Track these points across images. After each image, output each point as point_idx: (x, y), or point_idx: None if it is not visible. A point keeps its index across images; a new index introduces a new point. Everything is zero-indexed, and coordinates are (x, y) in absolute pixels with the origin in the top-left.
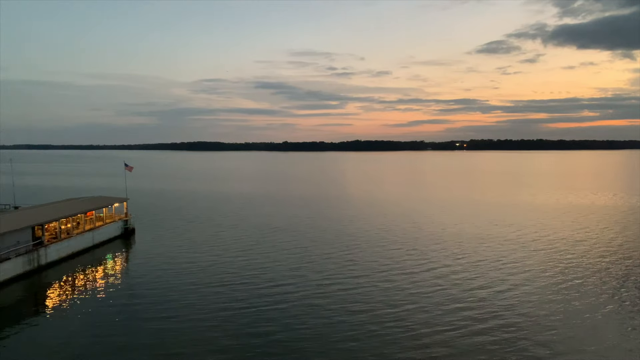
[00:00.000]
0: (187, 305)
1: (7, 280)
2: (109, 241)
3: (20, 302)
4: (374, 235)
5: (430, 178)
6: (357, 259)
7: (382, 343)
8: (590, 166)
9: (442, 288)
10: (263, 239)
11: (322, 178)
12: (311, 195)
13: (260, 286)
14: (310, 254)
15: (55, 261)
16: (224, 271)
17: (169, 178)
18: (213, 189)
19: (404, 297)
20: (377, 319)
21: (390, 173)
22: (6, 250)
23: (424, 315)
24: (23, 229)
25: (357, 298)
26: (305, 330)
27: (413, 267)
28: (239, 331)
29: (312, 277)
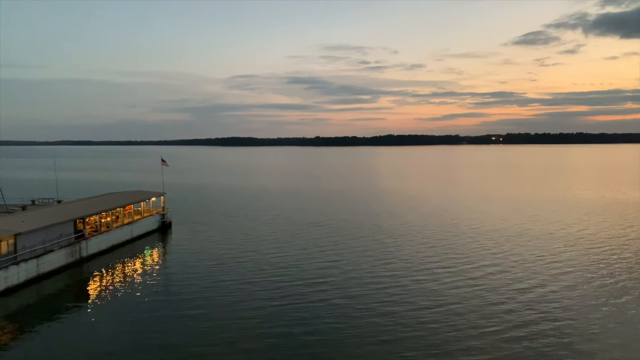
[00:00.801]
0: (221, 300)
1: (51, 272)
2: (147, 234)
3: (62, 293)
4: (410, 231)
5: (466, 173)
6: (392, 256)
7: (419, 345)
8: (634, 160)
9: (482, 287)
10: (297, 234)
11: (355, 173)
12: (344, 190)
13: (294, 283)
14: (345, 250)
15: (96, 253)
16: (258, 267)
17: (203, 173)
18: (247, 184)
19: (441, 297)
20: (413, 319)
21: (424, 168)
22: (50, 242)
23: (463, 316)
24: (65, 222)
25: (393, 297)
26: (338, 329)
27: (450, 265)
28: (271, 329)
29: (346, 274)
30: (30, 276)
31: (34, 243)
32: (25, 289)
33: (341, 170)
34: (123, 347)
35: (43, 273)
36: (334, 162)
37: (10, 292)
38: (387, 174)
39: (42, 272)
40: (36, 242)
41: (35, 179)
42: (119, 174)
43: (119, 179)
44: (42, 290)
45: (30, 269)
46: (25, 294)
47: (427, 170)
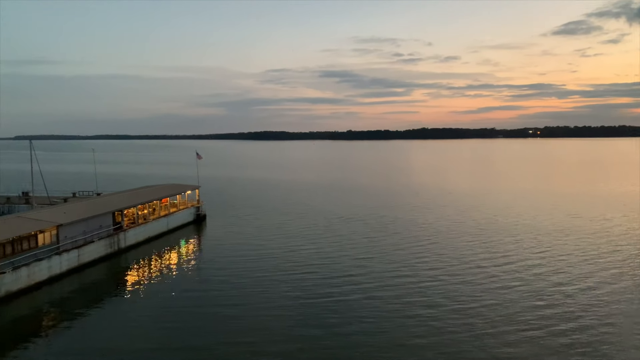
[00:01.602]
0: (252, 295)
1: (91, 262)
2: (182, 227)
3: (101, 283)
4: (445, 226)
5: (502, 167)
6: (427, 251)
7: (453, 341)
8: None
9: (520, 284)
10: (330, 229)
11: (388, 167)
12: (377, 184)
13: (326, 277)
14: (378, 244)
15: (133, 245)
16: (291, 260)
17: (237, 167)
18: (279, 177)
19: (478, 293)
20: (448, 315)
21: (459, 162)
22: (90, 233)
23: (501, 313)
24: (105, 214)
25: (427, 292)
26: (370, 324)
27: (487, 260)
28: (303, 323)
29: (380, 269)
30: (71, 266)
31: (75, 234)
32: (67, 278)
33: (374, 164)
34: (155, 339)
35: (84, 263)
36: (367, 156)
37: (54, 281)
38: (421, 168)
39: (82, 262)
40: (77, 233)
41: (75, 172)
42: (156, 167)
43: (156, 172)
44: (83, 279)
45: (72, 259)
46: (67, 283)
47: (463, 165)
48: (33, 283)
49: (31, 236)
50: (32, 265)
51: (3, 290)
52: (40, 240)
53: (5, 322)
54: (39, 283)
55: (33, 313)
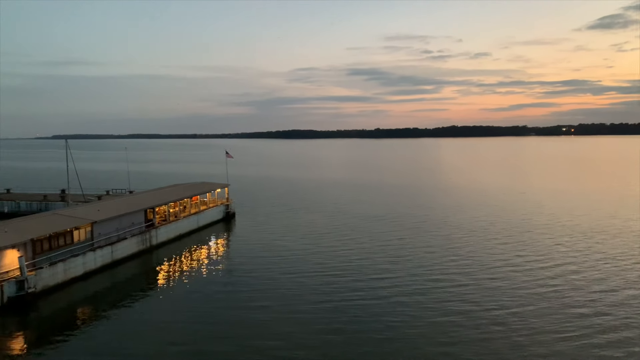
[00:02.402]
0: (281, 294)
1: (123, 258)
2: (212, 224)
3: (134, 279)
4: (477, 227)
5: (535, 165)
6: (459, 252)
7: (486, 348)
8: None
9: (557, 288)
10: (359, 228)
11: (418, 165)
12: (407, 183)
13: (355, 278)
14: (408, 245)
15: (164, 242)
16: (319, 260)
17: (265, 165)
18: (307, 176)
19: (511, 298)
20: (479, 321)
21: (490, 160)
22: (123, 230)
23: (536, 319)
24: (137, 211)
25: (458, 296)
26: (398, 328)
27: (522, 263)
28: (329, 326)
29: (409, 271)
30: (105, 262)
31: (109, 231)
32: (101, 274)
33: (403, 163)
34: (181, 337)
35: (117, 259)
36: (395, 155)
37: (88, 277)
38: (451, 166)
39: (116, 258)
40: (110, 230)
41: (109, 171)
42: (186, 165)
43: (186, 170)
44: (116, 275)
45: (106, 256)
46: (101, 278)
47: (494, 163)
48: (69, 278)
49: (67, 232)
50: (68, 261)
51: (41, 285)
52: (75, 236)
53: (43, 316)
54: (74, 278)
55: (69, 307)
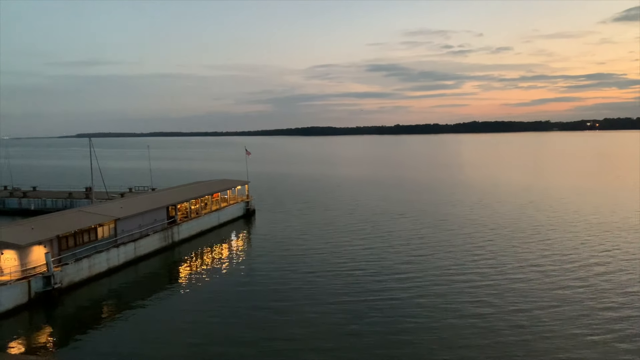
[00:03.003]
0: (300, 290)
1: (146, 255)
2: (232, 221)
3: (156, 275)
4: (500, 225)
5: (559, 161)
6: (481, 249)
7: (506, 344)
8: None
9: (581, 285)
10: (379, 225)
11: (439, 162)
12: (428, 179)
13: (374, 275)
14: (429, 244)
15: (186, 238)
16: (338, 257)
17: (285, 162)
18: (327, 172)
19: (535, 294)
20: (502, 317)
21: (513, 156)
22: (145, 227)
23: (560, 316)
24: (159, 208)
25: (480, 293)
26: (418, 324)
27: (545, 259)
28: (349, 322)
29: (431, 270)
30: (128, 258)
31: (132, 228)
32: (124, 270)
33: (424, 159)
34: (202, 333)
35: (140, 256)
36: (416, 151)
37: (112, 273)
38: (473, 162)
39: (138, 254)
40: (133, 227)
41: (131, 168)
42: (207, 163)
43: (207, 167)
44: (139, 272)
45: (129, 252)
46: (125, 274)
47: (516, 159)
48: (93, 274)
49: (91, 229)
50: (93, 257)
51: (66, 281)
52: (99, 233)
53: (68, 311)
54: (98, 274)
55: (93, 303)
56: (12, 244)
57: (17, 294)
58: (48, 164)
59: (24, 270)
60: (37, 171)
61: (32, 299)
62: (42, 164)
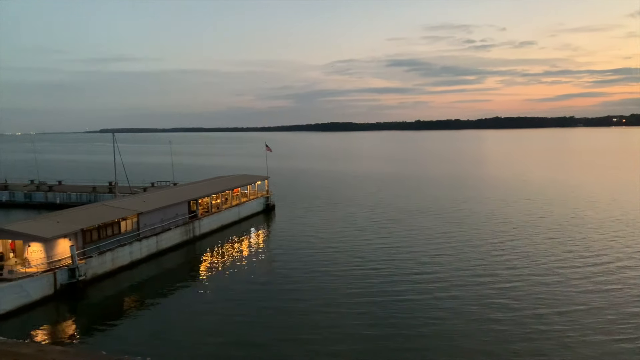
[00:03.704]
0: (319, 288)
1: (168, 248)
2: (252, 216)
3: (178, 269)
4: (523, 221)
5: (585, 157)
6: (506, 248)
7: (531, 349)
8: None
9: (609, 288)
10: (401, 222)
11: (461, 158)
12: (451, 176)
13: (395, 274)
14: (452, 240)
15: (207, 233)
16: (359, 255)
17: (304, 158)
18: (347, 168)
19: (563, 296)
20: (524, 320)
21: (537, 152)
22: (167, 221)
23: (585, 321)
24: (181, 203)
25: (504, 294)
26: (439, 326)
27: (571, 259)
28: (369, 326)
29: (453, 267)
30: (150, 252)
31: (154, 222)
32: (147, 264)
33: (446, 155)
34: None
35: (161, 249)
36: (437, 146)
37: (134, 266)
38: (496, 158)
39: (160, 248)
40: (155, 221)
41: (154, 163)
42: (227, 158)
43: (227, 163)
44: (161, 265)
45: (151, 246)
46: (147, 267)
47: (541, 155)
48: (116, 267)
49: (114, 223)
50: (116, 251)
51: (90, 273)
52: (122, 227)
53: (93, 303)
54: (121, 267)
55: (117, 295)
56: (38, 237)
57: (44, 286)
58: (73, 158)
59: (49, 263)
60: (62, 166)
61: (58, 290)
62: (67, 158)
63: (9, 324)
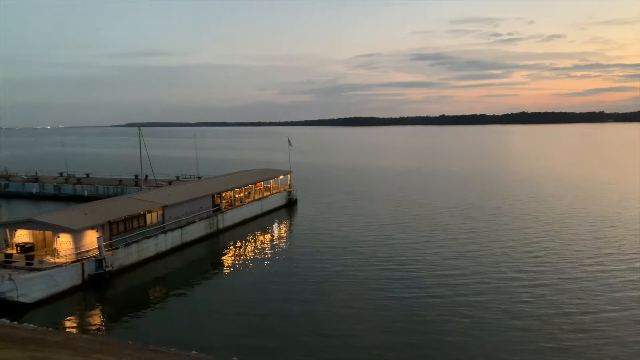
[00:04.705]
0: (340, 285)
1: (192, 241)
2: (275, 210)
3: (202, 261)
4: (556, 219)
5: (619, 153)
6: (535, 246)
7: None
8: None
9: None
10: (426, 218)
11: (488, 153)
12: (477, 171)
13: (420, 274)
14: (479, 238)
15: (230, 226)
16: (382, 252)
17: (327, 152)
18: (371, 163)
19: (599, 302)
20: (558, 326)
21: (566, 148)
22: (192, 214)
23: (624, 328)
24: (205, 196)
25: (534, 297)
26: (466, 326)
27: (609, 262)
28: (390, 324)
29: (479, 267)
30: (175, 244)
31: (179, 215)
32: (171, 255)
33: (472, 150)
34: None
35: (186, 242)
36: (463, 142)
37: (159, 257)
38: (524, 154)
39: (185, 240)
40: (180, 214)
41: (178, 157)
42: (250, 153)
43: (250, 157)
44: (185, 257)
45: (176, 238)
46: (172, 259)
47: (571, 150)
48: (142, 259)
49: (140, 215)
50: (142, 242)
51: (117, 264)
52: (148, 219)
53: (119, 293)
54: (147, 259)
55: (142, 286)
56: (67, 228)
57: (72, 276)
58: (100, 152)
59: (78, 254)
60: (90, 159)
61: (86, 280)
62: (95, 151)
63: (39, 312)
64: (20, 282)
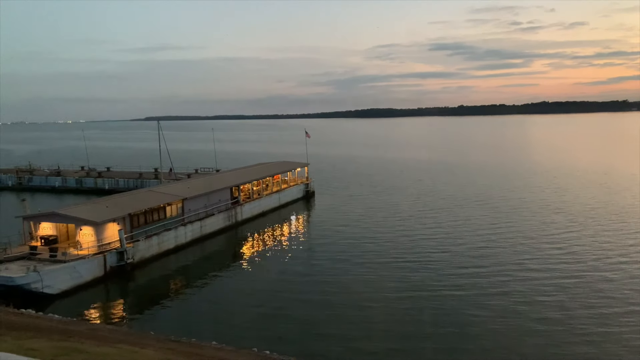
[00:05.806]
0: (360, 279)
1: (211, 233)
2: (292, 202)
3: (221, 253)
4: (581, 211)
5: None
6: (562, 241)
7: (593, 355)
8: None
9: None
10: (445, 212)
11: (509, 144)
12: (499, 163)
13: (439, 267)
14: (501, 232)
15: (248, 218)
16: (400, 246)
17: (345, 144)
18: (390, 155)
19: (626, 294)
20: (584, 320)
21: (590, 137)
22: (211, 207)
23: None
24: (223, 189)
25: (558, 291)
26: (486, 325)
27: (636, 255)
28: (409, 319)
29: (502, 261)
30: (195, 236)
31: (198, 207)
32: (191, 248)
33: (493, 141)
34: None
35: (205, 234)
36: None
37: (179, 250)
38: (547, 145)
39: (204, 233)
40: (199, 207)
41: (197, 150)
42: (268, 145)
43: (268, 150)
44: (205, 249)
45: (195, 230)
46: (191, 252)
47: (595, 140)
48: (162, 251)
49: (160, 208)
50: (162, 235)
51: (138, 256)
52: (168, 212)
53: (140, 284)
54: (167, 251)
55: (163, 278)
56: (89, 221)
57: (95, 267)
58: (120, 145)
59: (99, 246)
60: (110, 152)
61: (108, 272)
62: (115, 145)
63: (63, 303)
64: (45, 273)
